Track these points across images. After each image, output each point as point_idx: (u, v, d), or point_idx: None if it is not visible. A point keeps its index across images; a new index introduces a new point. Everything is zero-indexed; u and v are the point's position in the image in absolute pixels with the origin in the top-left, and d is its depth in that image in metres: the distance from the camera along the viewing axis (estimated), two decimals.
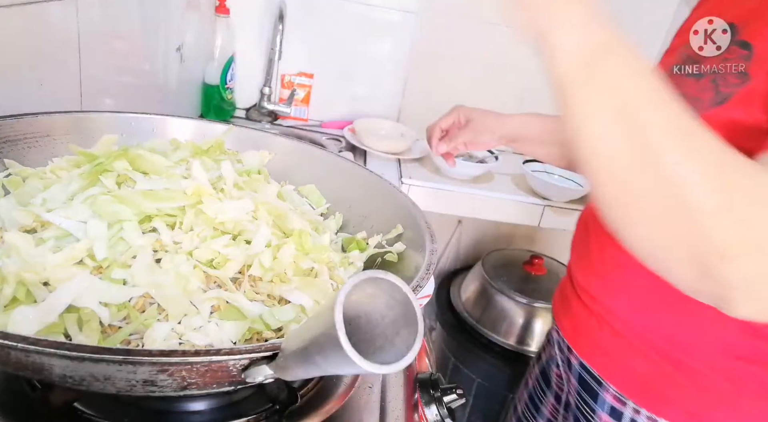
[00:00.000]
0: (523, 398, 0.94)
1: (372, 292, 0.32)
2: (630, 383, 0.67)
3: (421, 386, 0.65)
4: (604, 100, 0.38)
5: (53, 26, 0.72)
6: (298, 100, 1.63)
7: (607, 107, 0.38)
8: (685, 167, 0.37)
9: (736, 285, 0.39)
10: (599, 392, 0.70)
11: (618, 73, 0.38)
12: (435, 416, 0.63)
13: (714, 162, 0.38)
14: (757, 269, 0.38)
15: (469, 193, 1.40)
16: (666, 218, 0.39)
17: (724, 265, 0.38)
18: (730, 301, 0.40)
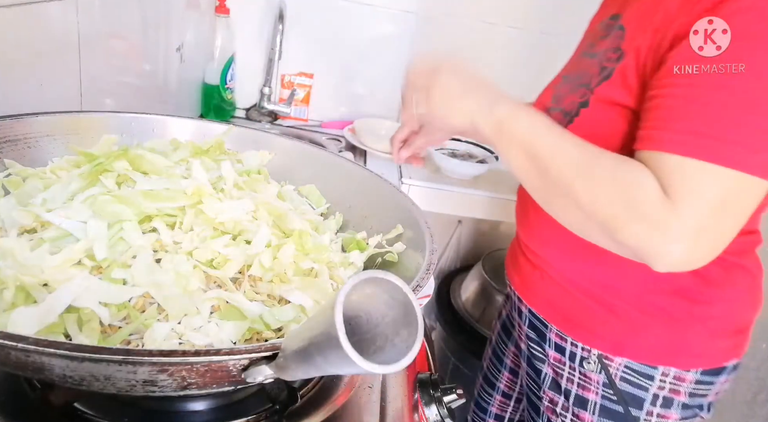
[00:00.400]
0: (488, 355, 1.05)
1: (372, 292, 0.32)
2: (567, 322, 0.79)
3: (421, 386, 0.65)
4: (513, 148, 0.62)
5: (53, 26, 0.72)
6: (298, 100, 1.63)
7: (516, 150, 0.62)
8: (567, 175, 0.58)
9: (636, 249, 0.56)
10: (546, 333, 0.82)
11: (517, 130, 0.61)
12: (435, 416, 0.63)
13: (584, 167, 0.57)
14: (640, 236, 0.55)
15: (469, 193, 1.40)
16: (566, 206, 0.61)
17: (617, 235, 0.56)
18: (645, 260, 0.56)
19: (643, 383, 0.74)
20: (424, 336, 0.32)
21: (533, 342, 0.86)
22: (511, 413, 1.02)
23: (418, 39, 1.57)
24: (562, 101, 0.74)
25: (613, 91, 0.65)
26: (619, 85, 0.64)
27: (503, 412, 1.03)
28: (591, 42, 0.76)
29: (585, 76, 0.71)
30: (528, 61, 1.58)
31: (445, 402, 0.64)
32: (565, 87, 0.76)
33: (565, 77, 0.78)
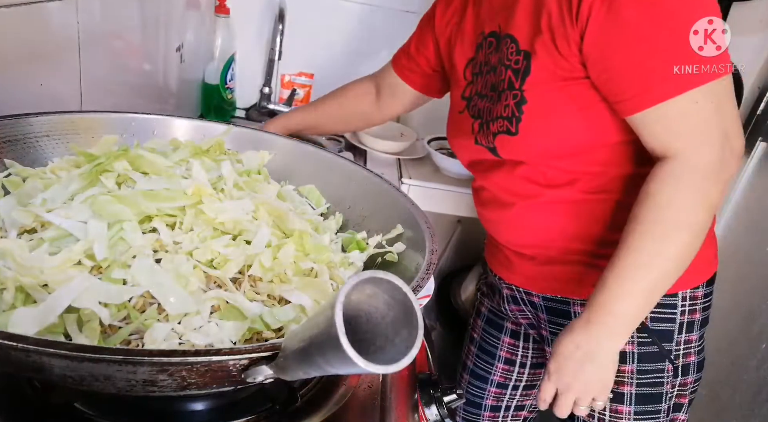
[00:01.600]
0: (473, 352, 1.09)
1: (372, 292, 0.32)
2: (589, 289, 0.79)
3: (421, 386, 0.65)
4: (644, 304, 0.72)
5: (53, 26, 0.72)
6: (298, 100, 1.63)
7: (648, 299, 0.72)
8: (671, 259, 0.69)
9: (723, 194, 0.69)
10: (569, 309, 0.87)
11: (630, 307, 0.71)
12: (435, 416, 0.63)
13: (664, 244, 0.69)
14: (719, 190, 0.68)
15: (469, 193, 1.39)
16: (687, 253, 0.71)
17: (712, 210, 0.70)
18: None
19: (669, 315, 0.81)
20: (424, 336, 0.32)
21: (555, 325, 0.89)
22: (508, 401, 1.06)
23: None
24: (491, 114, 0.81)
25: (541, 81, 0.73)
26: (543, 75, 0.73)
27: (499, 402, 1.07)
28: (481, 61, 0.85)
29: (499, 84, 0.79)
30: None
31: (445, 402, 0.64)
32: (482, 102, 0.84)
33: (477, 95, 0.85)
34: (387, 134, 1.57)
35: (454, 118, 0.92)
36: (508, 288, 0.95)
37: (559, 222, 0.82)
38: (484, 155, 0.86)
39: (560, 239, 0.83)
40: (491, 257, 0.98)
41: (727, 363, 1.39)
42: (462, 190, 1.40)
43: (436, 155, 1.43)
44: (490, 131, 0.81)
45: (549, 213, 0.82)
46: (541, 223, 0.83)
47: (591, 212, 0.80)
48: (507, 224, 0.88)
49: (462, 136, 0.89)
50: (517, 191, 0.83)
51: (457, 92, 0.91)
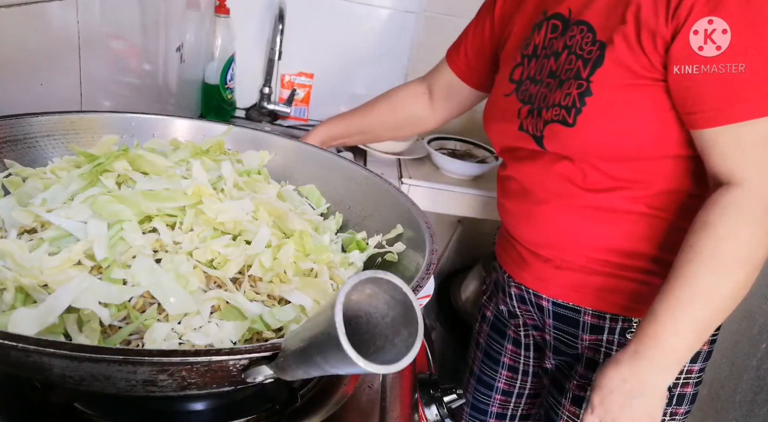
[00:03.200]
0: (479, 358, 1.06)
1: (372, 292, 0.32)
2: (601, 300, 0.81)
3: (421, 386, 0.65)
4: (701, 336, 0.68)
5: (53, 26, 0.72)
6: (298, 100, 1.63)
7: (704, 331, 0.68)
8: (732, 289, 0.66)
9: None
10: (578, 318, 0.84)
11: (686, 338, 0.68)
12: (435, 416, 0.63)
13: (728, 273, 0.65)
14: None
15: (469, 193, 1.40)
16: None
17: None
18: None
19: None
20: (424, 336, 0.32)
21: (562, 332, 0.87)
22: (513, 409, 1.04)
23: (418, 39, 1.57)
24: (545, 100, 0.76)
25: (613, 75, 0.69)
26: (617, 69, 0.69)
27: (504, 410, 1.04)
28: (537, 43, 0.80)
29: (564, 71, 0.74)
30: None
31: (445, 402, 0.64)
32: (535, 87, 0.79)
33: (532, 79, 0.80)
34: None
35: (498, 101, 0.87)
36: (517, 287, 0.91)
37: (590, 229, 0.78)
38: (525, 143, 0.81)
39: (586, 246, 0.79)
40: (503, 252, 0.95)
41: (727, 363, 1.39)
42: (462, 190, 1.40)
43: (436, 155, 1.43)
44: (541, 117, 0.76)
45: (580, 217, 0.78)
46: (570, 226, 0.79)
47: (627, 224, 0.76)
48: (531, 221, 0.84)
49: (503, 120, 0.84)
50: (552, 188, 0.79)
51: (504, 73, 0.86)
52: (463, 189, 1.40)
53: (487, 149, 1.52)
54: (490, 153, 1.50)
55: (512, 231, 0.89)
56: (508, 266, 0.93)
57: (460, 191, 1.40)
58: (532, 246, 0.85)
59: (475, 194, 1.40)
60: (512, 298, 0.93)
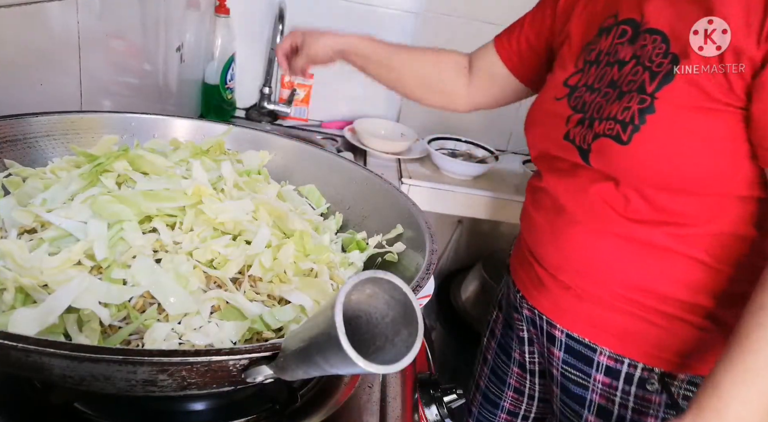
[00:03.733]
0: (485, 374, 1.00)
1: (372, 292, 0.32)
2: (622, 341, 0.74)
3: (421, 386, 0.65)
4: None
5: (53, 26, 0.72)
6: (298, 100, 1.63)
7: None
8: None
9: None
10: (593, 357, 0.76)
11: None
12: (435, 416, 0.63)
13: None
14: None
15: (469, 193, 1.40)
16: None
17: None
18: None
19: None
20: (424, 336, 0.32)
21: (571, 367, 0.79)
22: None
23: (418, 39, 1.57)
24: (600, 111, 0.69)
25: (683, 94, 0.61)
26: (688, 89, 0.61)
27: None
28: (602, 49, 0.72)
29: (626, 82, 0.66)
30: None
31: (445, 402, 0.64)
32: (591, 95, 0.71)
33: (588, 86, 0.72)
34: (387, 134, 1.57)
35: (546, 103, 0.79)
36: (530, 310, 0.83)
37: (622, 262, 0.70)
38: (567, 154, 0.73)
39: (615, 280, 0.71)
40: (519, 268, 0.86)
41: None
42: (462, 190, 1.40)
43: (436, 155, 1.43)
44: (592, 129, 0.68)
45: (614, 247, 0.70)
46: (599, 254, 0.71)
47: (667, 264, 0.68)
48: (557, 241, 0.76)
49: (549, 125, 0.76)
50: (588, 208, 0.71)
51: (559, 77, 0.77)
52: (463, 189, 1.40)
53: (487, 149, 1.52)
54: (490, 153, 1.50)
55: (533, 248, 0.81)
56: (523, 285, 0.85)
57: (460, 191, 1.40)
58: (553, 269, 0.77)
59: (475, 194, 1.40)
60: (523, 319, 0.86)
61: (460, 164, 1.43)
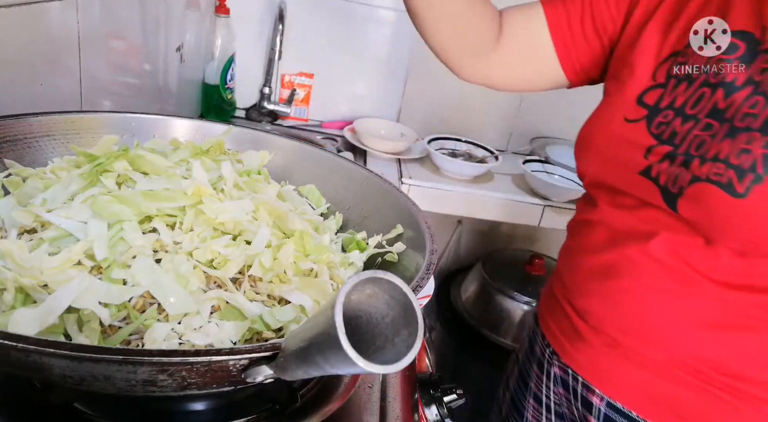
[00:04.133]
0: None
1: (372, 292, 0.32)
2: (679, 418, 0.62)
3: (421, 386, 0.65)
4: None
5: (53, 26, 0.72)
6: (298, 100, 1.63)
7: None
8: None
9: None
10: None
11: None
12: (435, 416, 0.63)
13: None
14: None
15: (469, 193, 1.40)
16: None
17: None
18: None
19: None
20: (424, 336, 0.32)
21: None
22: None
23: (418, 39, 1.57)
24: (703, 148, 0.55)
25: None
26: None
27: None
28: (701, 64, 0.58)
29: (739, 115, 0.53)
30: None
31: (445, 402, 0.64)
32: (687, 124, 0.56)
33: (679, 111, 0.58)
34: (387, 134, 1.57)
35: (613, 125, 0.62)
36: (561, 369, 0.70)
37: (699, 329, 0.58)
38: (642, 193, 0.59)
39: (684, 349, 0.59)
40: (549, 318, 0.73)
41: None
42: (462, 190, 1.40)
43: (436, 155, 1.43)
44: (689, 170, 0.54)
45: (690, 311, 0.58)
46: (669, 316, 0.59)
47: (758, 339, 0.56)
48: (609, 291, 0.63)
49: (616, 152, 0.61)
50: (660, 260, 0.58)
51: (630, 90, 0.62)
52: (463, 189, 1.40)
53: (487, 149, 1.52)
54: (490, 153, 1.50)
55: (574, 295, 0.67)
56: (555, 338, 0.71)
57: (460, 191, 1.40)
58: (597, 321, 0.65)
59: (475, 194, 1.40)
60: (550, 378, 0.73)
61: (460, 164, 1.43)
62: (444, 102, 1.64)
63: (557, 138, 1.67)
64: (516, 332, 1.46)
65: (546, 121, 1.68)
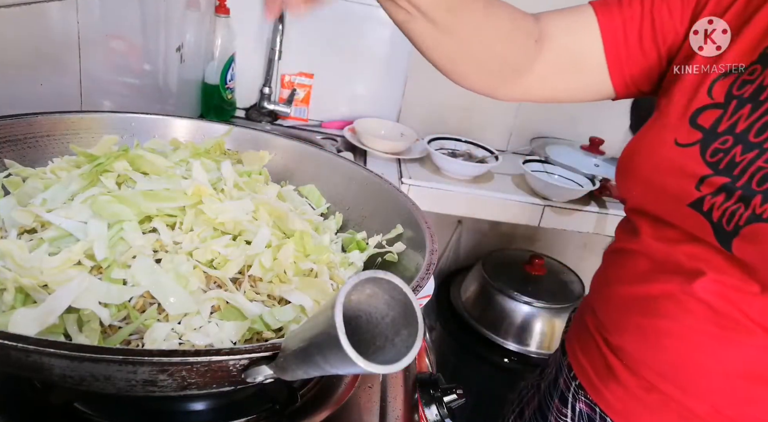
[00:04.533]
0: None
1: (372, 292, 0.32)
2: None
3: (421, 386, 0.65)
4: None
5: (53, 26, 0.72)
6: (298, 100, 1.63)
7: None
8: None
9: None
10: None
11: None
12: (435, 416, 0.63)
13: None
14: None
15: (469, 193, 1.40)
16: None
17: None
18: None
19: None
20: (424, 336, 0.32)
21: None
22: None
23: None
24: (763, 182, 0.48)
25: None
26: None
27: None
28: (765, 84, 0.51)
29: None
30: None
31: (445, 402, 0.64)
32: (744, 151, 0.50)
33: (741, 137, 0.50)
34: (387, 134, 1.57)
35: (663, 148, 0.55)
36: (589, 406, 0.65)
37: (754, 382, 0.53)
38: (691, 227, 0.53)
39: (731, 403, 0.54)
40: (579, 351, 0.67)
41: None
42: (462, 190, 1.40)
43: (436, 155, 1.43)
44: (748, 206, 0.48)
45: (744, 363, 0.52)
46: (712, 362, 0.54)
47: None
48: (646, 330, 0.57)
49: (663, 179, 0.55)
50: (706, 301, 0.53)
51: (680, 106, 0.55)
52: (463, 189, 1.40)
53: (487, 149, 1.52)
54: (490, 153, 1.50)
55: (609, 331, 0.62)
56: (583, 372, 0.66)
57: (460, 191, 1.40)
58: (634, 362, 0.59)
59: (475, 194, 1.40)
60: (575, 413, 0.67)
61: (460, 164, 1.43)
62: (444, 102, 1.64)
63: (557, 138, 1.67)
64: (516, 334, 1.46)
65: (546, 121, 1.68)
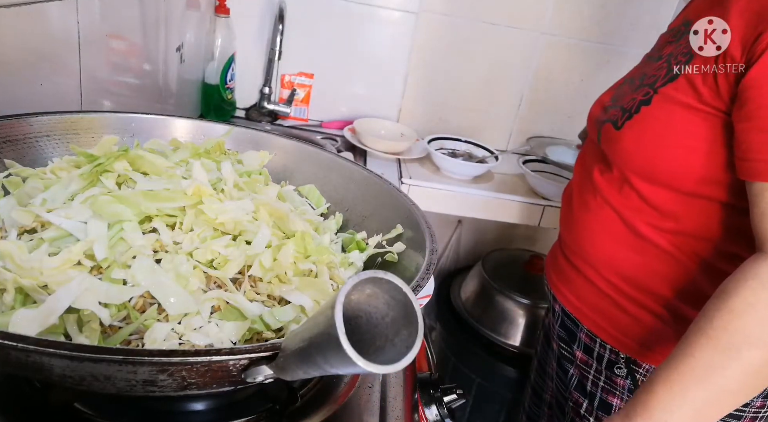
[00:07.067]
0: (534, 366, 1.05)
1: (372, 292, 0.32)
2: (598, 322, 0.79)
3: (421, 386, 0.65)
4: None
5: (53, 26, 0.72)
6: (298, 100, 1.63)
7: None
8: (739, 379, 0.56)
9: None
10: (576, 332, 0.83)
11: None
12: (435, 416, 0.63)
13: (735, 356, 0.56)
14: None
15: (469, 193, 1.40)
16: None
17: None
18: None
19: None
20: (424, 336, 0.32)
21: (563, 342, 0.85)
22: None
23: (418, 39, 1.57)
24: (621, 100, 0.75)
25: (679, 91, 0.65)
26: (685, 87, 0.64)
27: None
28: (659, 46, 0.77)
29: (649, 77, 0.71)
30: (528, 61, 1.58)
31: (445, 402, 0.64)
32: (626, 88, 0.77)
33: (629, 80, 0.78)
34: (387, 134, 1.57)
35: (604, 94, 0.85)
36: (560, 306, 0.86)
37: (612, 248, 0.75)
38: (594, 135, 0.80)
39: (603, 262, 0.76)
40: (551, 269, 0.90)
41: None
42: (462, 190, 1.40)
43: (436, 155, 1.43)
44: (606, 114, 0.76)
45: (608, 232, 0.75)
46: (598, 235, 0.77)
47: (646, 255, 0.72)
48: (574, 221, 0.82)
49: (595, 110, 0.83)
50: (599, 189, 0.76)
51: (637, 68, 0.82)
52: (463, 189, 1.40)
53: (487, 149, 1.52)
54: (490, 153, 1.50)
55: (561, 227, 0.88)
56: (552, 278, 0.89)
57: (460, 191, 1.40)
58: (565, 245, 0.84)
59: (475, 194, 1.40)
60: (557, 320, 0.89)
61: (460, 164, 1.43)
62: (444, 102, 1.64)
63: (556, 138, 1.67)
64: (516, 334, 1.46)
65: (546, 121, 1.68)
